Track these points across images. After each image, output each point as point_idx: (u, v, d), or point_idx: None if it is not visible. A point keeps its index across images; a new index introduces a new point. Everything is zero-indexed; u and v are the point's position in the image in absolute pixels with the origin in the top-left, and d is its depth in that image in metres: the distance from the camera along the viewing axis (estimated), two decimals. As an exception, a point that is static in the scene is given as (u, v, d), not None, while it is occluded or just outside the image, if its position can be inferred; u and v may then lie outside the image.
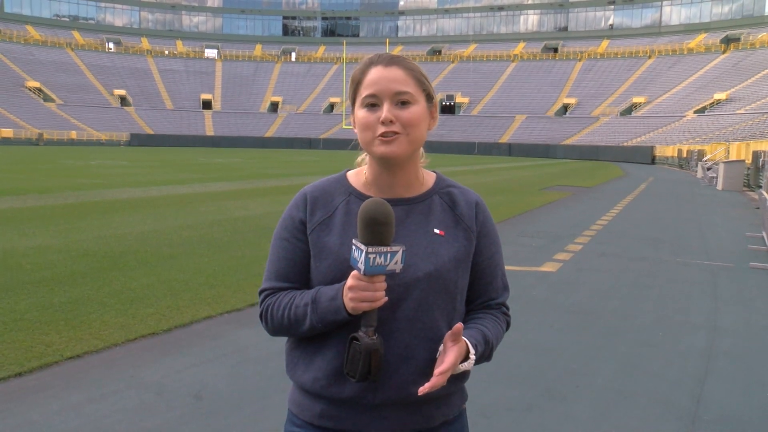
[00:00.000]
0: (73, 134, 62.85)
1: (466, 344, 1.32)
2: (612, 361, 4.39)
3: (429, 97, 1.41)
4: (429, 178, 1.47)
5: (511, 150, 62.49)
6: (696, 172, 31.05)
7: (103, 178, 19.89)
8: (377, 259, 1.21)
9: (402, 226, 1.37)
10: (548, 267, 7.61)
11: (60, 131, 62.40)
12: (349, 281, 1.26)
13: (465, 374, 1.46)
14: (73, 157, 34.33)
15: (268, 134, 74.86)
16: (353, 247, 1.25)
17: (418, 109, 1.36)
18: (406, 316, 1.34)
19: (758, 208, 14.37)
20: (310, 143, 70.63)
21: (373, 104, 1.35)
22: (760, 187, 18.78)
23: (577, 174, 30.35)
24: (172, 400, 3.48)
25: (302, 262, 1.41)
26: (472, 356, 1.33)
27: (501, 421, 3.37)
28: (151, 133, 70.10)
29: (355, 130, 1.41)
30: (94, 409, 3.34)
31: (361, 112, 1.37)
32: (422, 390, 1.26)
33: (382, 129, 1.33)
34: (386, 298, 1.27)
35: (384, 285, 1.26)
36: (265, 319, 1.42)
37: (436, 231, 1.39)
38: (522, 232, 10.38)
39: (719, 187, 22.47)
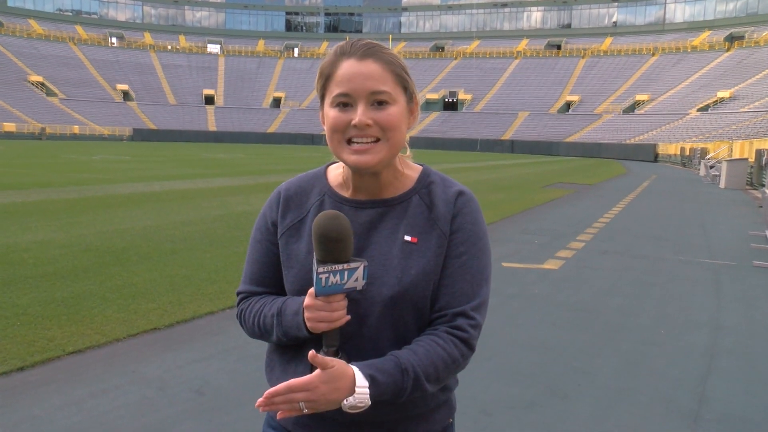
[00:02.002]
0: (76, 129, 62.86)
1: (353, 374, 1.12)
2: (614, 359, 4.38)
3: (408, 93, 1.25)
4: (413, 175, 1.31)
5: (514, 147, 62.41)
6: (699, 170, 30.99)
7: (106, 173, 19.90)
8: (331, 278, 1.11)
9: (374, 230, 1.26)
10: (550, 264, 7.60)
11: (63, 126, 62.41)
12: (306, 299, 1.16)
13: (449, 383, 1.32)
14: (75, 152, 34.36)
15: (271, 130, 74.85)
16: (313, 261, 1.15)
17: (396, 110, 1.20)
18: (372, 334, 1.23)
19: (761, 206, 14.33)
20: (312, 139, 70.56)
21: (345, 104, 1.20)
22: (763, 185, 18.73)
23: (579, 171, 30.30)
24: (174, 396, 3.48)
25: (276, 265, 1.32)
26: (360, 390, 1.11)
27: (502, 419, 3.37)
28: (154, 128, 70.11)
29: (325, 128, 1.26)
30: (95, 404, 3.35)
31: (331, 112, 1.21)
32: (258, 405, 1.11)
33: (353, 132, 1.19)
34: (348, 317, 1.17)
35: (344, 304, 1.15)
36: (241, 323, 1.36)
37: (407, 238, 1.24)
38: (524, 230, 10.37)
39: (722, 185, 22.41)
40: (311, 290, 1.15)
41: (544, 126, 67.62)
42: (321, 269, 1.10)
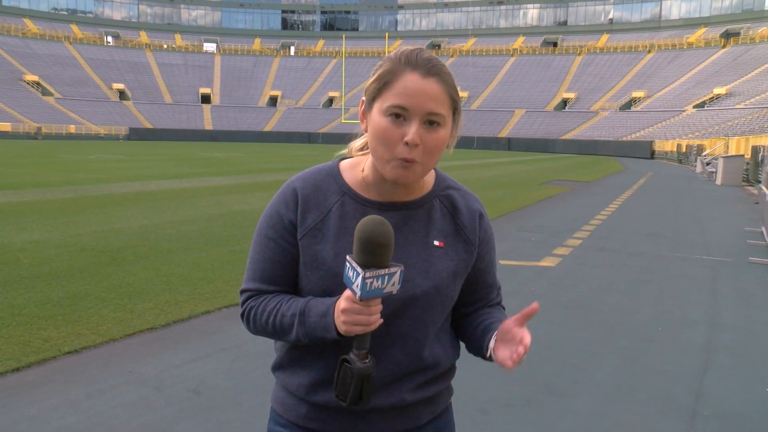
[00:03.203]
0: (72, 128, 62.70)
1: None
2: (611, 356, 4.39)
3: (455, 115, 1.27)
4: (429, 178, 1.35)
5: (511, 144, 62.44)
6: (695, 167, 31.03)
7: (102, 172, 19.85)
8: (374, 283, 1.11)
9: (400, 233, 1.26)
10: (547, 262, 7.60)
11: (58, 125, 62.25)
12: (343, 303, 1.15)
13: (452, 371, 1.40)
14: (71, 152, 34.28)
15: (267, 128, 74.74)
16: (347, 264, 1.13)
17: (444, 134, 1.22)
18: (400, 333, 1.26)
19: (757, 203, 14.36)
20: (309, 137, 70.52)
21: (399, 115, 1.19)
22: (759, 182, 18.76)
23: (576, 169, 30.33)
24: (171, 395, 3.47)
25: (290, 265, 1.30)
26: None
27: (500, 417, 3.37)
28: (150, 127, 69.96)
29: (363, 128, 1.27)
30: (92, 404, 3.34)
31: (383, 122, 1.19)
32: (512, 365, 1.31)
33: (404, 152, 1.18)
34: (381, 321, 1.16)
35: (380, 308, 1.15)
36: (247, 321, 1.32)
37: (435, 243, 1.29)
38: (521, 227, 10.37)
39: (718, 182, 22.46)
40: (347, 294, 1.14)
41: (540, 123, 67.65)
42: (368, 274, 1.10)
